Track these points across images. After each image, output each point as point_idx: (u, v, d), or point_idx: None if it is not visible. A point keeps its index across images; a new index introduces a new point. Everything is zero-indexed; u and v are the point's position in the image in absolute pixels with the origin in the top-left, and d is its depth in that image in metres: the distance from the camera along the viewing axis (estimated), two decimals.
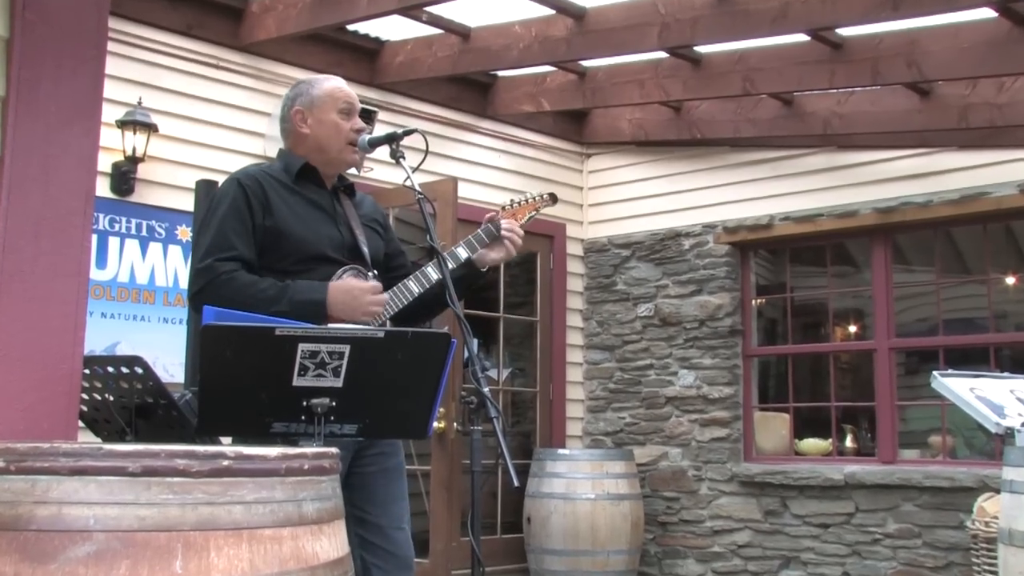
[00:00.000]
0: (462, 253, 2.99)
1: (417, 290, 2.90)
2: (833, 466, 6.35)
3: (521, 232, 3.09)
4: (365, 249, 2.90)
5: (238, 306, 2.54)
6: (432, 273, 2.90)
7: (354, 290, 2.74)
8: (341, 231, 2.90)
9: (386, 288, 2.88)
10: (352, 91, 3.04)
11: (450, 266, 2.89)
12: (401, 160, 2.82)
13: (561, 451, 6.64)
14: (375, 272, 2.89)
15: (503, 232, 3.05)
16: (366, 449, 2.80)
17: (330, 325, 2.55)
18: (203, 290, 2.68)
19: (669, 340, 7.07)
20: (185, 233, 5.35)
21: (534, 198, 3.27)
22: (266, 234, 2.77)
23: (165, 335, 5.25)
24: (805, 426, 7.10)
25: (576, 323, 7.52)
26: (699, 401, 6.88)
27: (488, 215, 3.11)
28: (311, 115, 2.98)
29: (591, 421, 7.42)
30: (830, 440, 6.67)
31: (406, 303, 2.88)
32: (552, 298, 7.38)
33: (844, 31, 5.36)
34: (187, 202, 4.99)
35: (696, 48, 5.87)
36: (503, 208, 3.21)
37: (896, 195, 6.26)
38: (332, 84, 3.03)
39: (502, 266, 6.92)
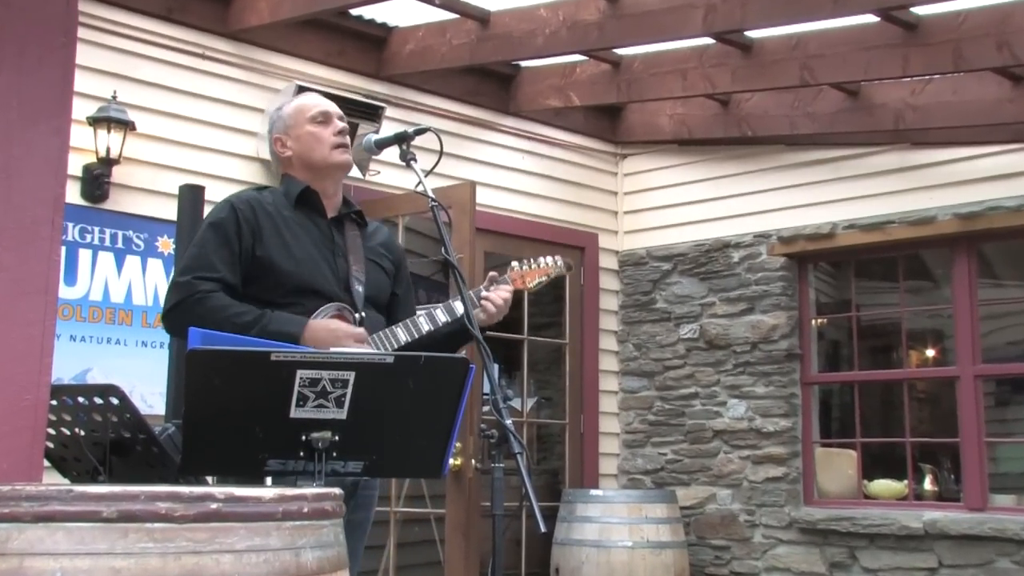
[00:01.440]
0: (459, 308, 3.04)
1: (426, 327, 2.99)
2: (910, 512, 6.28)
3: (503, 300, 3.14)
4: (358, 287, 2.99)
5: (209, 327, 2.60)
6: (440, 315, 3.01)
7: (337, 331, 2.83)
8: (336, 264, 2.99)
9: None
10: (324, 100, 3.17)
11: (444, 319, 3.01)
12: (412, 163, 2.86)
13: (594, 492, 6.60)
14: (362, 315, 2.96)
15: (482, 296, 3.12)
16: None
17: (332, 349, 2.56)
18: (176, 306, 2.84)
19: (717, 365, 7.04)
20: (167, 245, 5.37)
21: (546, 263, 3.35)
22: (254, 263, 2.89)
23: (144, 361, 5.27)
24: (875, 465, 7.04)
25: (610, 346, 7.50)
26: (751, 435, 6.84)
27: (491, 273, 3.21)
28: (288, 137, 3.11)
29: (628, 458, 7.39)
30: (905, 482, 6.60)
31: (409, 341, 2.97)
32: (583, 318, 7.36)
33: (920, 9, 5.29)
34: (169, 209, 5.00)
35: (747, 33, 5.86)
36: (511, 268, 3.29)
37: (982, 198, 6.20)
38: (299, 100, 3.18)
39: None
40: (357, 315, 2.95)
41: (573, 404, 7.30)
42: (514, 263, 3.32)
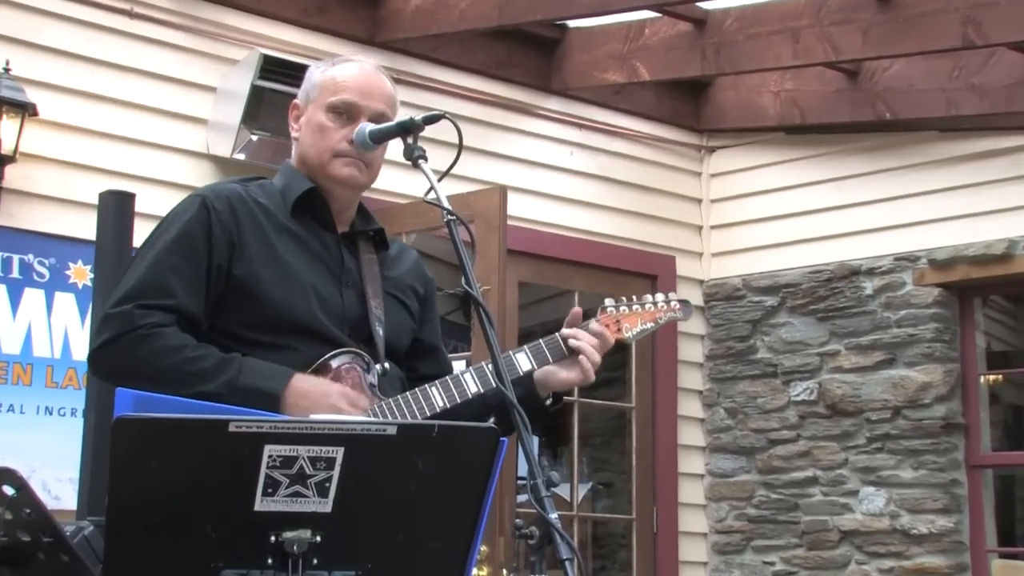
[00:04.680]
0: (522, 363, 3.07)
1: (442, 403, 2.97)
2: None
3: (605, 342, 3.17)
4: (379, 328, 2.99)
5: (151, 376, 2.62)
6: (470, 383, 3.00)
7: (332, 395, 2.81)
8: (344, 296, 2.99)
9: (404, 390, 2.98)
10: (367, 83, 3.09)
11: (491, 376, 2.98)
12: (421, 162, 2.84)
13: None
14: (385, 366, 2.97)
15: (572, 342, 3.12)
16: None
17: (314, 416, 2.57)
18: (108, 345, 2.79)
19: (843, 439, 7.00)
20: (82, 273, 5.41)
21: (653, 304, 3.35)
22: (230, 287, 2.87)
23: (48, 434, 5.29)
24: None
25: (693, 411, 7.49)
26: (895, 538, 6.79)
27: (573, 311, 3.21)
28: (304, 111, 3.11)
29: (720, 568, 7.36)
30: None
31: (425, 416, 2.95)
32: (655, 372, 7.35)
33: None
34: (85, 225, 5.04)
35: None
36: (604, 309, 3.30)
37: None
38: (334, 70, 3.12)
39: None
40: (377, 367, 2.95)
41: (642, 493, 7.28)
42: (608, 302, 3.32)
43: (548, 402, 3.16)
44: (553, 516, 2.46)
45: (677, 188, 7.53)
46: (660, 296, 3.37)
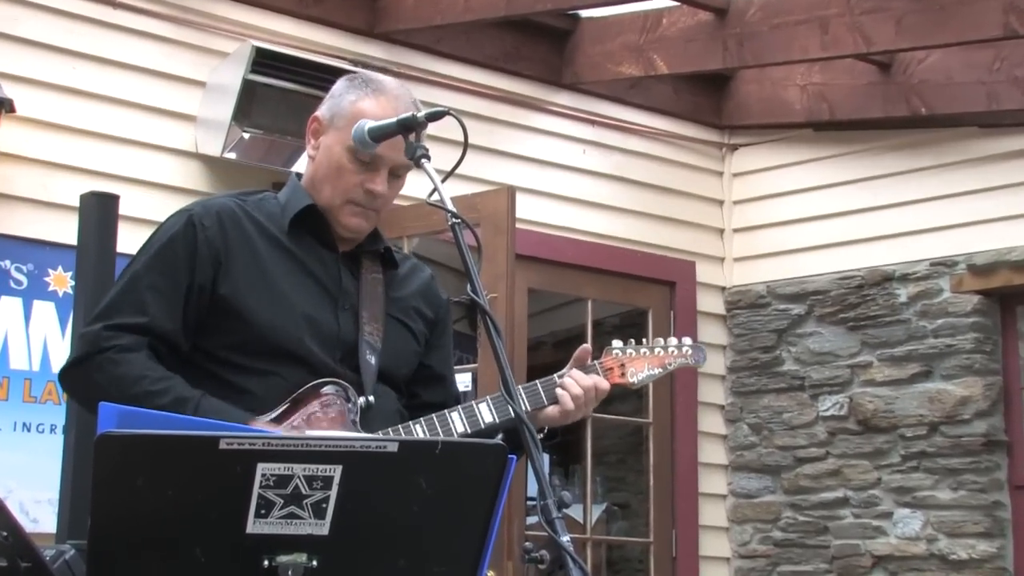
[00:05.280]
0: (484, 415, 3.07)
1: (488, 417, 3.01)
2: None
3: (583, 389, 3.14)
4: (369, 356, 3.00)
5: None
6: (484, 412, 3.02)
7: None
8: (340, 320, 3.00)
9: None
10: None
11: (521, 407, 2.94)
12: (423, 161, 2.84)
13: None
14: (368, 400, 2.98)
15: (558, 391, 3.12)
16: None
17: (310, 432, 2.57)
18: (75, 366, 2.88)
19: (876, 458, 6.99)
20: (62, 281, 5.42)
21: (664, 350, 3.39)
22: (214, 307, 2.89)
23: (26, 452, 5.30)
24: None
25: (714, 427, 7.50)
26: (933, 564, 6.78)
27: (581, 350, 3.20)
28: (325, 133, 3.08)
29: None
30: None
31: (468, 432, 2.99)
32: (674, 386, 7.35)
33: None
34: (65, 229, 5.06)
35: None
36: (610, 350, 3.31)
37: None
38: (369, 101, 3.04)
39: (589, 332, 6.93)
40: (360, 400, 2.95)
41: (660, 514, 7.27)
42: (615, 344, 3.33)
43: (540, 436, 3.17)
44: (565, 539, 2.47)
45: (697, 189, 7.54)
46: (673, 340, 3.40)
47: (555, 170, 6.99)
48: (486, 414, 3.03)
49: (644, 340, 3.39)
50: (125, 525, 2.21)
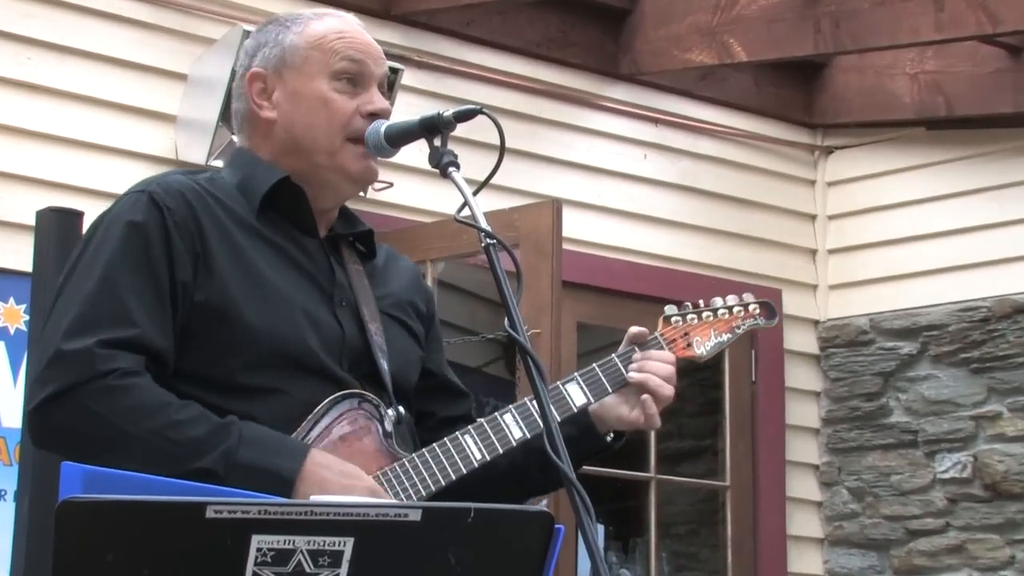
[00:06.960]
0: (576, 396, 3.10)
1: (479, 456, 2.98)
2: None
3: (664, 376, 3.18)
4: (383, 361, 2.98)
5: (120, 445, 2.60)
6: (513, 428, 3.01)
7: (356, 489, 2.75)
8: (341, 320, 2.98)
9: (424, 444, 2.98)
10: (364, 37, 3.11)
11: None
12: (451, 170, 2.85)
13: None
14: (400, 412, 2.97)
15: (631, 375, 3.16)
16: None
17: (314, 498, 2.57)
18: (59, 398, 2.72)
19: (1008, 530, 6.98)
20: (14, 315, 5.45)
21: (729, 310, 3.44)
22: (196, 312, 2.84)
23: None
24: None
25: (808, 493, 7.50)
26: None
27: (632, 329, 3.24)
28: (281, 83, 3.07)
29: None
30: None
31: (460, 475, 2.95)
32: (756, 441, 7.35)
33: None
34: (18, 253, 5.09)
35: None
36: (667, 319, 3.35)
37: None
38: (323, 26, 3.10)
39: None
40: (390, 412, 2.93)
41: None
42: (669, 309, 3.36)
43: (609, 439, 3.18)
44: None
45: (783, 201, 7.55)
46: (733, 298, 3.45)
47: (609, 179, 7.01)
48: (515, 430, 3.02)
49: (701, 303, 3.43)
50: None
